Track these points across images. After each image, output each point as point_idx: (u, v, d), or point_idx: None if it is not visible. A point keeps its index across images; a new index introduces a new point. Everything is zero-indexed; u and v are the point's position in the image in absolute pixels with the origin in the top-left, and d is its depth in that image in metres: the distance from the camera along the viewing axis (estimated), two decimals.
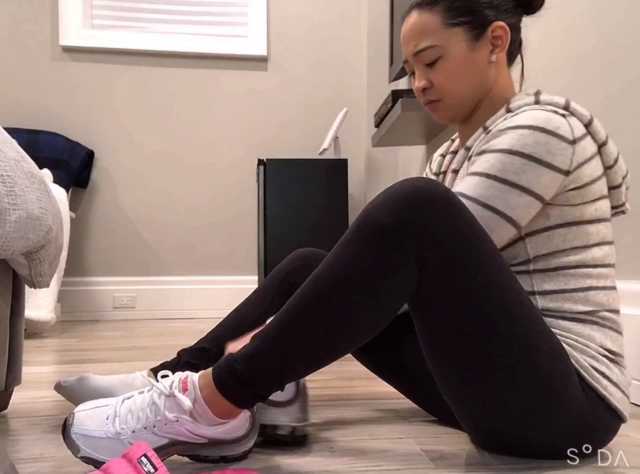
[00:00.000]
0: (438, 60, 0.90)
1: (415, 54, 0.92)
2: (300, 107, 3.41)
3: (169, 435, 0.76)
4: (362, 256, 0.73)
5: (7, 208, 0.89)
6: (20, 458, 0.85)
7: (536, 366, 0.75)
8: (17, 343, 1.08)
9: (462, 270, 0.74)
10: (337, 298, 0.74)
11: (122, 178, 3.27)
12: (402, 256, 0.73)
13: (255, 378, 0.75)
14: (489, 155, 0.82)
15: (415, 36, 0.92)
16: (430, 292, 0.76)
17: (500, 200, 0.80)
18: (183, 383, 0.77)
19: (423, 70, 0.93)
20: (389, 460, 0.83)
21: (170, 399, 0.76)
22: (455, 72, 0.91)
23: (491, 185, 0.80)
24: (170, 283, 3.28)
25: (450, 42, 0.90)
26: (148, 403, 0.77)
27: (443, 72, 0.91)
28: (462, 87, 0.92)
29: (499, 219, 0.80)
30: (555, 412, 0.76)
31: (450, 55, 0.90)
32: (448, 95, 0.92)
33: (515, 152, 0.80)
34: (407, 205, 0.73)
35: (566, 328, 0.82)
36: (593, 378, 0.78)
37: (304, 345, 0.75)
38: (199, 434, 0.77)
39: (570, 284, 0.82)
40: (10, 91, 3.17)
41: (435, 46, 0.90)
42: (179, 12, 3.31)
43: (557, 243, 0.83)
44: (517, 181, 0.79)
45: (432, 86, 0.93)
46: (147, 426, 0.76)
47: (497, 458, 0.83)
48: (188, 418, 0.75)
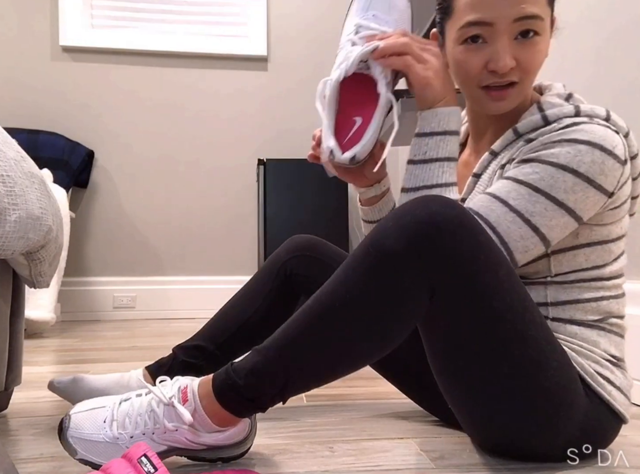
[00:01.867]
0: (536, 37, 0.77)
1: (520, 18, 0.76)
2: (300, 107, 3.41)
3: (167, 443, 0.76)
4: (369, 281, 0.70)
5: (7, 208, 0.89)
6: (20, 458, 0.85)
7: (546, 383, 0.74)
8: (17, 343, 1.08)
9: (476, 297, 0.71)
10: (342, 322, 0.71)
11: (122, 178, 3.27)
12: (412, 284, 0.70)
13: (256, 393, 0.74)
14: (539, 166, 0.77)
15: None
16: (441, 317, 0.74)
17: (544, 218, 0.76)
18: (183, 393, 0.76)
19: (511, 44, 0.78)
20: (389, 460, 0.83)
21: (169, 408, 0.75)
22: (542, 60, 0.80)
23: (537, 200, 0.76)
24: (170, 283, 3.28)
25: (546, 22, 0.79)
26: (146, 410, 0.76)
27: (537, 52, 0.78)
28: (535, 77, 0.82)
29: (537, 240, 0.77)
30: (561, 422, 0.76)
31: (545, 36, 0.79)
32: (529, 80, 0.81)
33: (569, 169, 0.75)
34: (420, 232, 0.69)
35: (572, 333, 0.81)
36: (597, 383, 0.78)
37: (307, 365, 0.74)
38: (198, 443, 0.76)
39: (585, 295, 0.81)
40: (10, 91, 3.17)
41: (542, 19, 0.77)
42: (178, 12, 3.31)
43: (580, 262, 0.81)
44: (564, 200, 0.75)
45: (516, 66, 0.78)
46: (146, 433, 0.75)
47: (497, 458, 0.83)
48: (187, 427, 0.75)
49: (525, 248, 0.77)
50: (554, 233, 0.77)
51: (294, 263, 1.09)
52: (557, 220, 0.76)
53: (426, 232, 0.69)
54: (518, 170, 0.79)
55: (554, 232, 0.77)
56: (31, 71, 3.19)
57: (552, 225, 0.76)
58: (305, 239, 1.11)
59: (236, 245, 3.33)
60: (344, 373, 0.76)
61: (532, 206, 0.76)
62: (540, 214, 0.76)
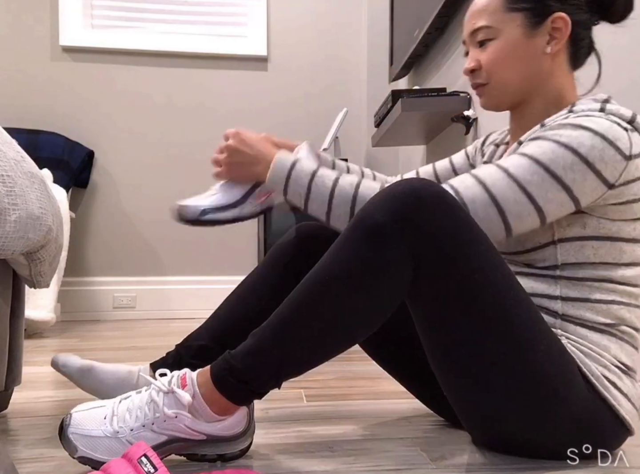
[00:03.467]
0: (490, 41, 0.90)
1: (471, 32, 0.92)
2: (300, 107, 3.41)
3: (167, 432, 0.76)
4: (357, 254, 0.74)
5: (7, 208, 0.89)
6: (20, 458, 0.85)
7: (533, 365, 0.75)
8: (17, 343, 1.08)
9: (457, 269, 0.74)
10: (333, 296, 0.74)
11: (122, 178, 3.27)
12: (397, 255, 0.73)
13: (252, 375, 0.75)
14: (543, 142, 0.80)
15: (475, 15, 0.91)
16: (426, 291, 0.76)
17: (540, 190, 0.78)
18: (182, 380, 0.78)
19: (475, 51, 0.92)
20: (389, 460, 0.83)
21: (169, 395, 0.77)
22: (505, 55, 0.89)
23: (536, 171, 0.78)
24: (170, 283, 3.28)
25: (507, 26, 0.88)
26: (146, 401, 0.77)
27: (492, 53, 0.89)
28: (510, 73, 0.90)
29: (531, 208, 0.78)
30: (553, 411, 0.76)
31: (503, 38, 0.89)
32: (495, 79, 0.91)
33: (570, 148, 0.78)
34: (402, 205, 0.73)
35: (582, 336, 0.81)
36: (603, 387, 0.78)
37: (300, 342, 0.76)
38: (197, 431, 0.77)
39: (595, 295, 0.81)
40: (10, 91, 3.17)
41: (491, 27, 0.89)
42: (179, 12, 3.31)
43: (588, 254, 0.82)
44: (562, 177, 0.77)
45: (480, 68, 0.92)
46: (146, 424, 0.76)
47: (497, 458, 0.83)
48: (187, 413, 0.76)
49: (519, 213, 0.78)
50: (549, 207, 0.78)
51: (301, 260, 1.05)
52: (552, 194, 0.78)
53: (408, 205, 0.73)
54: (523, 147, 0.82)
55: (550, 206, 0.78)
56: (31, 71, 3.19)
57: (548, 198, 0.78)
58: (313, 237, 1.08)
59: (236, 245, 3.33)
60: (336, 349, 0.78)
61: (530, 176, 0.78)
62: (537, 185, 0.78)
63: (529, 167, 0.78)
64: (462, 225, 0.75)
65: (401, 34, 2.44)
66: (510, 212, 0.78)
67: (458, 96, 1.94)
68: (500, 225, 0.78)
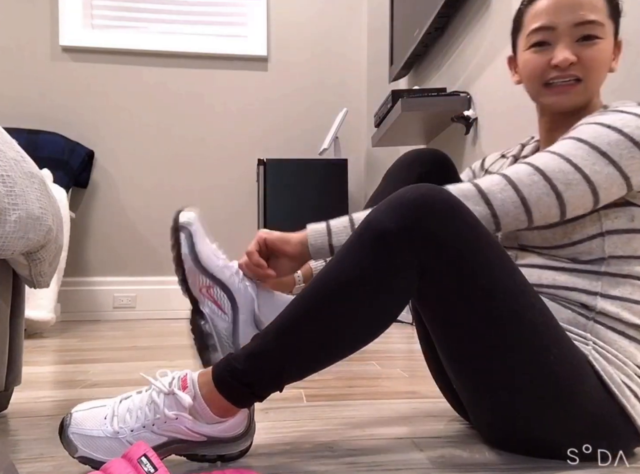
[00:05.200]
0: (598, 40, 0.85)
1: (580, 23, 0.85)
2: (300, 107, 3.41)
3: (168, 433, 0.76)
4: (363, 260, 0.73)
5: (7, 208, 0.89)
6: (20, 458, 0.85)
7: (544, 369, 0.75)
8: (17, 343, 1.08)
9: (464, 275, 0.73)
10: (339, 301, 0.74)
11: (122, 178, 3.27)
12: (403, 261, 0.72)
13: (254, 377, 0.75)
14: (585, 126, 0.80)
15: (584, 6, 0.85)
16: (433, 297, 0.76)
17: (586, 160, 0.76)
18: (182, 381, 0.77)
19: (572, 45, 0.86)
20: (389, 460, 0.83)
21: (169, 397, 0.76)
22: (605, 59, 0.87)
23: (580, 147, 0.77)
24: (170, 283, 3.28)
25: (609, 30, 0.86)
26: (147, 402, 0.77)
27: (598, 52, 0.85)
28: (602, 77, 0.88)
29: (579, 177, 0.76)
30: (563, 415, 0.76)
31: (607, 42, 0.86)
32: (592, 77, 0.87)
33: (614, 127, 0.77)
34: (410, 211, 0.72)
35: (611, 341, 0.80)
36: (623, 395, 0.78)
37: (304, 346, 0.75)
38: (198, 432, 0.77)
39: (635, 295, 0.81)
40: (10, 91, 3.17)
41: (603, 25, 0.85)
42: (178, 12, 3.31)
43: (636, 247, 0.81)
44: (608, 151, 0.76)
45: (578, 63, 0.86)
46: (146, 425, 0.76)
47: (497, 458, 0.83)
48: (187, 415, 0.76)
49: (567, 180, 0.76)
50: (599, 178, 0.76)
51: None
52: (599, 167, 0.76)
53: (416, 211, 0.72)
54: (568, 134, 0.82)
55: (599, 177, 0.76)
56: (31, 71, 3.19)
57: (595, 170, 0.76)
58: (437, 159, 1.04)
59: (236, 245, 3.33)
60: (340, 354, 0.77)
61: (575, 150, 0.77)
62: (582, 157, 0.77)
63: (573, 144, 0.78)
64: (471, 230, 0.74)
65: (401, 34, 2.44)
66: (557, 179, 0.77)
67: (458, 96, 1.94)
68: (550, 192, 0.77)
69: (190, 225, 0.92)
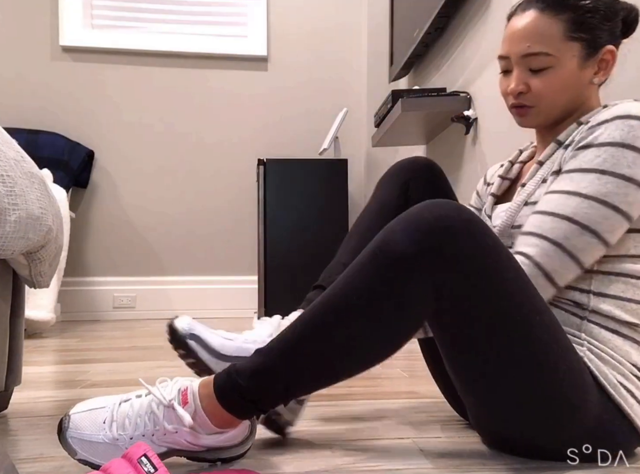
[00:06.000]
0: (547, 69, 0.87)
1: (525, 55, 0.87)
2: (300, 107, 3.41)
3: (167, 444, 0.76)
4: (377, 284, 0.71)
5: (7, 208, 0.89)
6: (20, 458, 0.85)
7: (553, 386, 0.74)
8: (17, 343, 1.08)
9: (482, 299, 0.72)
10: (347, 323, 0.72)
11: (122, 178, 3.28)
12: (420, 285, 0.71)
13: (259, 394, 0.74)
14: (599, 150, 0.79)
15: (530, 37, 0.87)
16: (448, 318, 0.75)
17: (618, 196, 0.77)
18: (183, 395, 0.76)
19: (524, 74, 0.89)
20: (389, 460, 0.83)
21: (169, 410, 0.75)
22: (560, 85, 0.87)
23: (607, 180, 0.77)
24: (170, 283, 3.28)
25: (565, 55, 0.86)
26: (146, 411, 0.76)
27: (548, 82, 0.87)
28: (559, 101, 0.88)
29: (620, 218, 0.78)
30: (567, 425, 0.76)
31: (560, 68, 0.86)
32: (543, 105, 0.89)
33: (627, 145, 0.77)
34: (428, 234, 0.70)
35: (605, 340, 0.80)
36: (620, 395, 0.78)
37: (310, 366, 0.74)
38: (198, 444, 0.76)
39: (628, 293, 0.81)
40: (10, 91, 3.17)
41: (550, 55, 0.86)
42: (178, 12, 3.31)
43: (628, 247, 0.81)
44: (632, 175, 0.77)
45: (529, 92, 0.89)
46: (145, 434, 0.75)
47: (497, 459, 0.83)
48: (187, 429, 0.75)
49: (612, 227, 0.78)
50: (633, 209, 0.78)
51: None
52: (633, 197, 0.77)
53: (434, 234, 0.70)
54: (579, 160, 0.81)
55: (634, 207, 0.78)
56: (31, 71, 3.19)
57: (630, 202, 0.77)
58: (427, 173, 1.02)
59: (236, 245, 3.33)
60: (346, 376, 0.76)
61: (604, 187, 0.78)
62: (614, 193, 0.77)
63: (599, 180, 0.78)
64: (490, 253, 0.73)
65: (401, 34, 2.44)
66: (603, 230, 0.78)
67: (458, 96, 1.94)
68: (600, 246, 0.79)
69: (193, 330, 0.93)
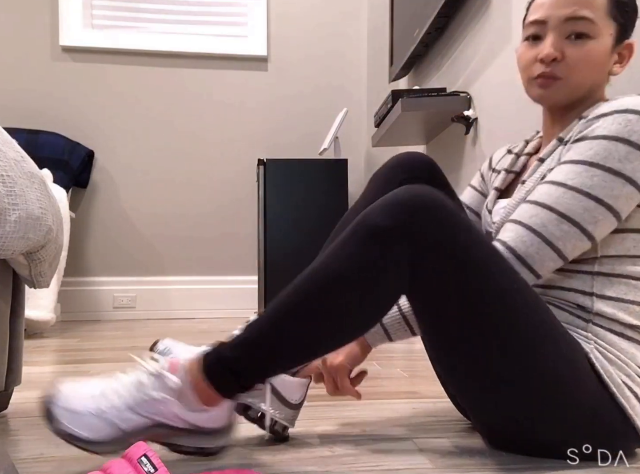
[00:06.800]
0: (586, 39, 0.84)
1: (570, 18, 0.84)
2: (300, 106, 3.41)
3: (152, 416, 0.77)
4: (356, 255, 0.75)
5: (7, 208, 0.89)
6: (20, 458, 0.85)
7: (540, 365, 0.75)
8: (17, 343, 1.08)
9: (455, 275, 0.74)
10: (329, 295, 0.75)
11: (122, 178, 3.28)
12: (394, 257, 0.74)
13: (241, 365, 0.76)
14: (591, 142, 0.79)
15: (580, 2, 0.83)
16: (424, 295, 0.77)
17: (604, 189, 0.77)
18: (171, 365, 0.79)
19: (560, 41, 0.85)
20: (389, 460, 0.83)
21: (157, 378, 0.78)
22: (595, 60, 0.84)
23: (594, 173, 0.78)
24: (170, 283, 3.28)
25: (604, 31, 0.84)
26: (134, 382, 0.78)
27: (585, 53, 0.84)
28: (588, 78, 0.86)
29: (603, 209, 0.78)
30: (563, 411, 0.76)
31: (598, 42, 0.84)
32: (574, 78, 0.85)
33: (621, 138, 0.77)
34: (403, 210, 0.74)
35: (611, 342, 0.81)
36: (623, 396, 0.78)
37: (292, 338, 0.76)
38: (181, 418, 0.78)
39: (630, 295, 0.81)
40: (10, 91, 3.17)
41: (595, 24, 0.83)
42: (178, 12, 3.31)
43: (628, 247, 0.81)
44: (621, 170, 0.77)
45: (562, 60, 0.85)
46: (132, 406, 0.77)
47: (497, 459, 0.83)
48: (173, 399, 0.77)
49: (594, 218, 0.78)
50: (619, 203, 0.78)
51: None
52: (618, 190, 0.77)
53: (410, 209, 0.74)
54: (572, 152, 0.82)
55: (620, 201, 0.78)
56: (31, 71, 3.19)
57: (615, 195, 0.77)
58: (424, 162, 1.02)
59: (236, 245, 3.33)
60: (327, 347, 0.78)
61: (590, 180, 0.78)
62: (600, 186, 0.77)
63: (586, 172, 0.78)
64: (463, 232, 0.75)
65: (401, 34, 2.44)
66: (584, 220, 0.78)
67: (458, 96, 1.94)
68: (581, 236, 0.78)
69: (169, 352, 0.99)
